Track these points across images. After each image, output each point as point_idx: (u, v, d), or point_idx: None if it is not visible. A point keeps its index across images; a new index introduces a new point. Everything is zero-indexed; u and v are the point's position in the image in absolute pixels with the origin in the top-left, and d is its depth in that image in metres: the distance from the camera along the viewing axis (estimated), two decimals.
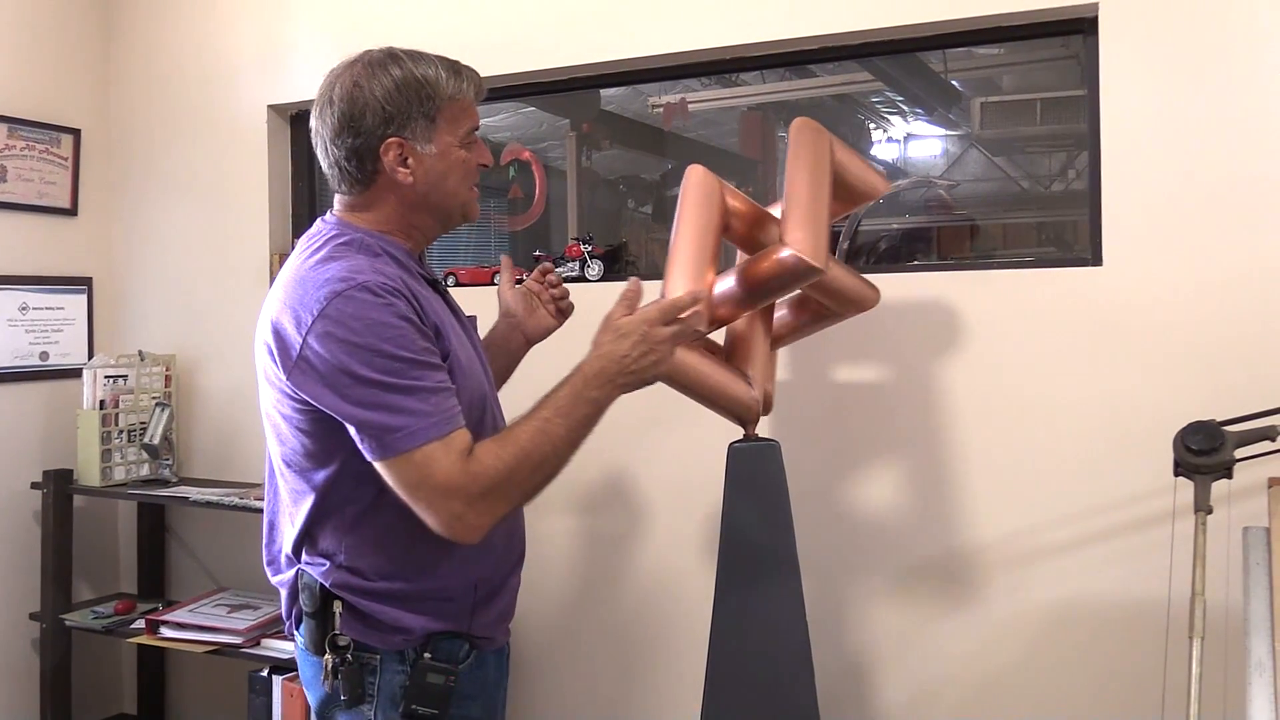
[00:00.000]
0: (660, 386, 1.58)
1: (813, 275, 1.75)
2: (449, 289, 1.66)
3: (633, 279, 1.53)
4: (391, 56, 1.48)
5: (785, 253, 1.73)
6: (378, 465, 1.36)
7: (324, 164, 1.52)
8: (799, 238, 1.74)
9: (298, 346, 1.36)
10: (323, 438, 1.41)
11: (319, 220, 1.55)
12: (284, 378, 1.39)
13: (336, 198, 1.54)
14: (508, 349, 1.82)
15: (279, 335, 1.39)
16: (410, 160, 1.47)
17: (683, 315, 1.49)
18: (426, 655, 1.48)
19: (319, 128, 1.50)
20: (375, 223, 1.50)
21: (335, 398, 1.34)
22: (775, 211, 1.90)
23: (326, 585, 1.47)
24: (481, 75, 1.56)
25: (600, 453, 2.47)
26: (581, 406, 1.42)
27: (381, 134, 1.45)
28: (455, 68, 1.51)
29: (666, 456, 2.46)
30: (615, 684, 2.55)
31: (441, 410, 1.35)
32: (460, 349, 1.49)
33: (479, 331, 1.71)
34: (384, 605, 1.47)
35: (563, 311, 1.85)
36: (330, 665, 1.47)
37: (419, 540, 1.42)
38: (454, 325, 1.53)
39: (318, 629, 1.49)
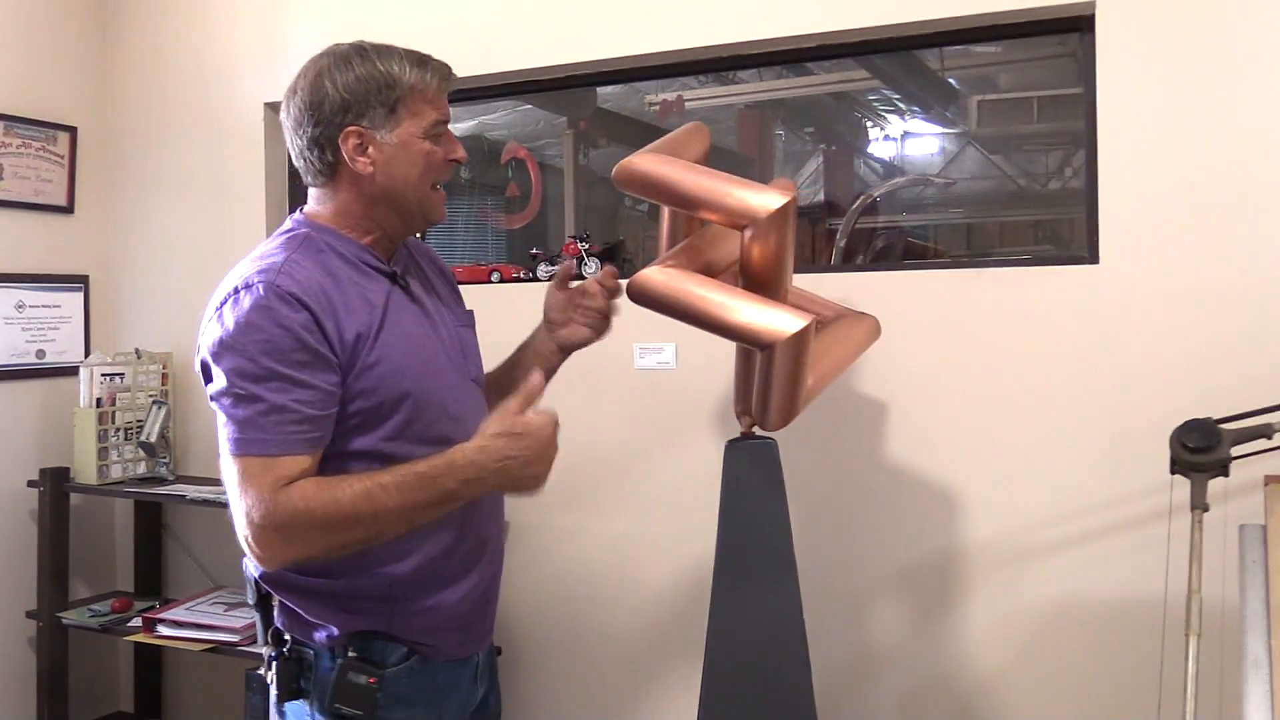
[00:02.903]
0: (658, 381, 1.55)
1: None
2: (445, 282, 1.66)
3: (536, 373, 1.42)
4: (356, 49, 1.48)
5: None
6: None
7: (292, 156, 1.52)
8: None
9: (199, 340, 1.42)
10: None
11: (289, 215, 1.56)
12: (198, 370, 1.44)
13: (309, 192, 1.54)
14: (540, 351, 1.74)
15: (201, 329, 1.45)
16: (370, 149, 1.44)
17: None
18: (351, 654, 1.46)
19: (285, 119, 1.50)
20: (334, 216, 1.49)
21: (209, 388, 1.40)
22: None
23: (257, 578, 1.50)
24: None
25: (597, 450, 2.47)
26: (429, 491, 1.34)
27: (340, 122, 1.44)
28: (421, 60, 1.48)
29: (663, 453, 2.46)
30: (612, 682, 2.55)
31: (277, 429, 1.35)
32: (397, 348, 1.44)
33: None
34: (308, 601, 1.47)
35: (593, 327, 1.71)
36: (267, 658, 1.50)
37: None
38: (409, 323, 1.49)
39: (261, 621, 1.53)
